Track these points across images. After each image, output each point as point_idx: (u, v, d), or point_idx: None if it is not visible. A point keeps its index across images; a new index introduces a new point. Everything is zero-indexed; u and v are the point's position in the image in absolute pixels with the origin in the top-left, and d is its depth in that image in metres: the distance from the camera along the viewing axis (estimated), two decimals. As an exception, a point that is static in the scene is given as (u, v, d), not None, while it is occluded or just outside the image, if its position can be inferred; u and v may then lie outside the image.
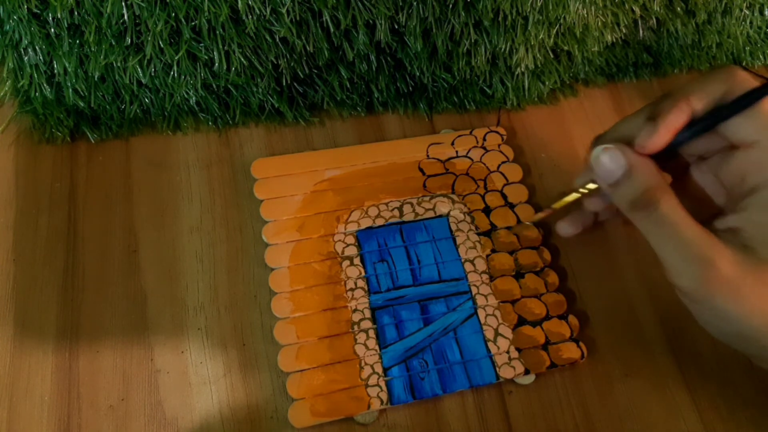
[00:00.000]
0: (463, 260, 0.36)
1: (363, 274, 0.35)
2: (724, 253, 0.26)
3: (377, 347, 0.33)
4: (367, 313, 0.34)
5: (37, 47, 0.35)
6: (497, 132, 0.41)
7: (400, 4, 0.36)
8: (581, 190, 0.33)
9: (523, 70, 0.40)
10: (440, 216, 0.38)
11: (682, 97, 0.28)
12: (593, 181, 0.31)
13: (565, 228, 0.36)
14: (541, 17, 0.37)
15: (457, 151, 0.40)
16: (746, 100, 0.27)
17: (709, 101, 0.28)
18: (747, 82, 0.27)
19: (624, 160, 0.28)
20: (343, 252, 0.36)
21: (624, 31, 0.41)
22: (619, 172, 0.28)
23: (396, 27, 0.37)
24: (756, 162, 0.27)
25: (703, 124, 0.28)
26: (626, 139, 0.29)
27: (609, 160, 0.29)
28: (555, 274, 0.37)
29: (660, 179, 0.28)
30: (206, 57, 0.36)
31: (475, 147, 0.41)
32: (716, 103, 0.28)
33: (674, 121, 0.28)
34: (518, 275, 0.36)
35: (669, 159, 0.30)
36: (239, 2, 0.33)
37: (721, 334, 0.28)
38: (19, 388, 0.32)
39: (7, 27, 0.34)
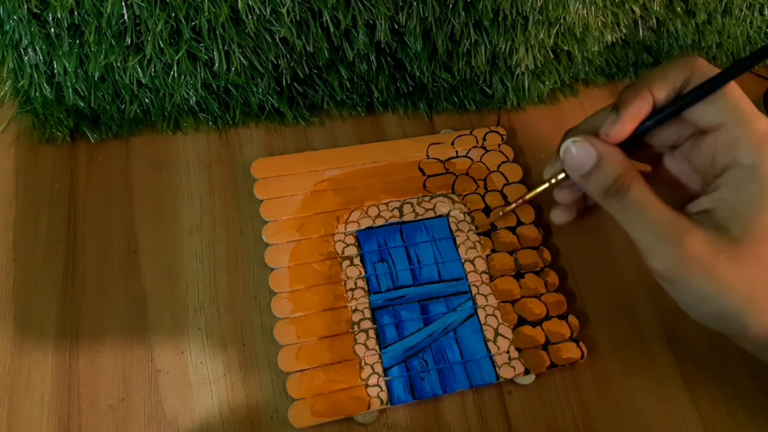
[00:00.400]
0: (463, 260, 0.36)
1: (363, 274, 0.35)
2: (695, 233, 0.27)
3: (377, 347, 0.33)
4: (367, 313, 0.34)
5: (37, 47, 0.35)
6: (497, 132, 0.41)
7: (400, 4, 0.36)
8: (551, 180, 0.33)
9: (523, 70, 0.40)
10: (440, 216, 0.38)
11: (644, 86, 0.29)
12: (562, 172, 0.32)
13: (558, 215, 0.35)
14: (541, 17, 0.37)
15: (457, 151, 0.40)
16: (708, 87, 0.28)
17: (670, 90, 0.29)
18: (707, 69, 0.28)
19: (593, 151, 0.29)
20: (343, 252, 0.36)
21: (624, 31, 0.41)
22: (590, 163, 0.29)
23: (396, 27, 0.37)
24: (723, 143, 0.28)
25: (667, 111, 0.29)
26: (596, 131, 0.30)
27: (578, 152, 0.29)
28: (555, 274, 0.37)
29: (629, 165, 0.29)
30: (206, 57, 0.36)
31: (475, 147, 0.41)
32: (678, 91, 0.29)
33: (636, 111, 0.29)
34: (518, 275, 0.36)
35: (637, 147, 0.31)
36: (239, 2, 0.33)
37: (702, 315, 0.28)
38: (19, 388, 0.32)
39: (7, 27, 0.34)
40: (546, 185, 0.33)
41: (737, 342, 0.29)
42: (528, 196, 0.35)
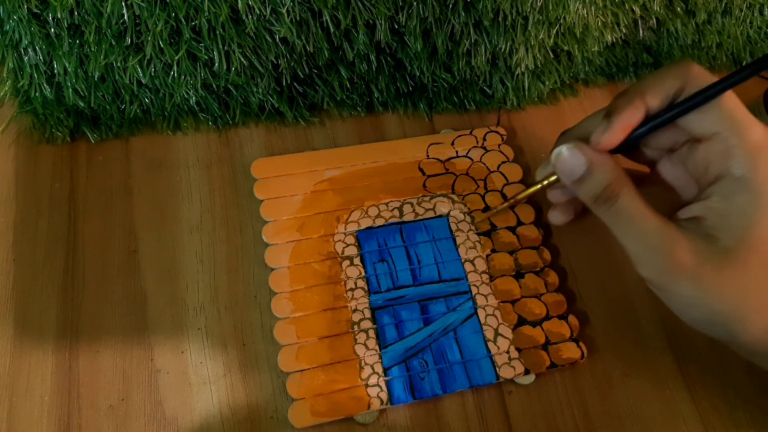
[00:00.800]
0: (463, 260, 0.36)
1: (363, 274, 0.35)
2: (682, 243, 0.27)
3: (377, 347, 0.33)
4: (367, 313, 0.34)
5: (37, 47, 0.35)
6: (497, 132, 0.41)
7: (400, 4, 0.36)
8: (544, 182, 0.33)
9: (523, 70, 0.40)
10: (440, 216, 0.38)
11: (636, 94, 0.29)
12: (554, 174, 0.32)
13: (556, 216, 0.36)
14: (541, 17, 0.37)
15: (457, 151, 0.40)
16: (701, 97, 0.27)
17: (664, 98, 0.29)
18: (702, 77, 0.28)
19: (584, 158, 0.29)
20: (343, 252, 0.36)
21: (624, 31, 0.41)
22: (581, 169, 0.29)
23: (396, 27, 0.37)
24: (717, 153, 0.28)
25: (659, 120, 0.29)
26: (589, 134, 0.30)
27: (570, 158, 0.29)
28: (555, 274, 0.37)
29: (620, 173, 0.29)
30: (206, 57, 0.36)
31: (475, 147, 0.41)
32: (672, 99, 0.29)
33: (628, 119, 0.29)
34: (518, 275, 0.36)
35: (631, 152, 0.31)
36: (239, 2, 0.33)
37: (694, 321, 0.29)
38: (19, 388, 0.32)
39: (7, 27, 0.34)
40: (538, 186, 0.33)
41: (732, 347, 0.30)
42: (520, 196, 0.35)
